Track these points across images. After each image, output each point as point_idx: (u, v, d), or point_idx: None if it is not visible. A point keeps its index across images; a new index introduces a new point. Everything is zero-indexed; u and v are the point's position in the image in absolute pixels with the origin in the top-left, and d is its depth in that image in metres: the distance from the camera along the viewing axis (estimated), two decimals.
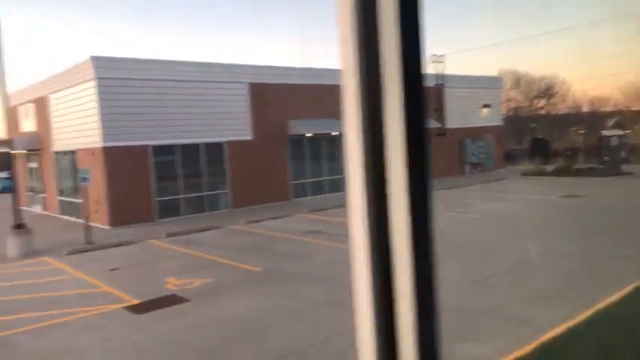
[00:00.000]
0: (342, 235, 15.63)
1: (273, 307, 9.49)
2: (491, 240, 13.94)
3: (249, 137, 22.45)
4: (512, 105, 52.60)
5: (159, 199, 20.25)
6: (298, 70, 24.13)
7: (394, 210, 0.91)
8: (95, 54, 18.56)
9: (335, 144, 25.68)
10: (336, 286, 10.59)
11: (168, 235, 17.11)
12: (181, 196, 20.91)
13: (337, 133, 25.15)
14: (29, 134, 25.40)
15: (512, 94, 52.84)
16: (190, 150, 21.02)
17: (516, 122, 48.10)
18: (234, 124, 22.00)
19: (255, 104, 22.50)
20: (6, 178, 47.96)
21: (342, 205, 21.82)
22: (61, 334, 8.66)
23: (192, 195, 21.21)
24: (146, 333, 8.52)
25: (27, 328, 9.00)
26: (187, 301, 10.14)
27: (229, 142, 21.93)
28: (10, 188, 49.05)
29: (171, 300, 10.27)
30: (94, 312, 9.74)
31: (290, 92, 23.57)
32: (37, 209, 25.89)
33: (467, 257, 12.23)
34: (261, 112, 22.67)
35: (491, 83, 34.37)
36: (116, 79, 18.99)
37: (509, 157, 36.90)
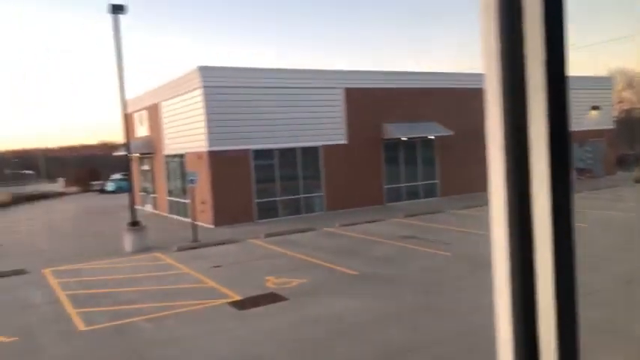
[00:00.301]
0: (438, 242, 15.42)
1: (370, 309, 9.60)
2: (602, 251, 13.08)
3: (344, 141, 22.78)
4: (625, 106, 48.75)
5: (258, 200, 21.13)
6: (393, 74, 24.13)
7: (537, 218, 0.90)
8: (202, 64, 19.82)
9: (431, 148, 25.33)
10: (434, 292, 10.52)
11: (267, 235, 17.80)
12: (278, 199, 21.67)
13: (433, 136, 24.81)
14: (142, 139, 27.52)
15: (625, 94, 48.99)
16: (287, 154, 21.72)
17: (630, 125, 44.53)
18: (329, 129, 22.45)
19: (350, 108, 22.81)
20: (120, 179, 52.35)
21: (437, 210, 21.50)
22: (175, 324, 9.36)
23: (288, 197, 21.90)
24: (250, 327, 8.98)
25: (146, 317, 9.83)
26: (286, 299, 10.53)
27: (324, 147, 22.40)
28: (124, 188, 53.35)
29: (271, 298, 10.72)
30: (202, 306, 10.41)
31: (385, 96, 23.63)
32: (149, 208, 27.99)
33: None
34: (356, 116, 22.93)
35: (599, 84, 32.11)
36: (220, 87, 20.13)
37: (622, 163, 34.26)
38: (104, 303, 10.95)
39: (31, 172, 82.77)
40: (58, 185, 70.11)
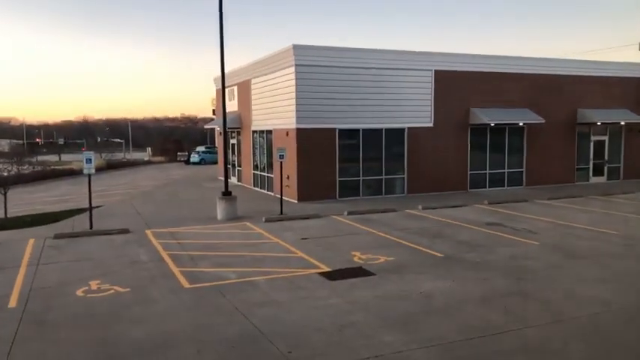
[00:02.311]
0: (525, 230, 15.18)
1: (458, 290, 9.74)
2: None
3: (430, 124, 22.63)
4: None
5: (341, 179, 21.54)
6: (483, 57, 23.54)
7: None
8: (296, 42, 20.28)
9: (520, 135, 24.62)
10: (524, 279, 10.48)
11: (350, 213, 18.18)
12: (361, 178, 21.96)
13: (523, 124, 24.10)
14: (231, 114, 28.60)
15: None
16: (372, 134, 21.89)
17: None
18: (416, 111, 22.36)
19: (438, 91, 22.58)
20: (204, 152, 54.65)
21: (522, 199, 21.02)
22: (270, 288, 9.96)
23: (370, 177, 22.14)
24: (341, 297, 9.40)
25: (243, 280, 10.52)
26: (373, 274, 10.86)
27: (410, 129, 22.37)
28: (207, 160, 55.44)
29: (358, 272, 11.09)
30: (293, 274, 10.96)
31: (474, 80, 23.19)
32: (234, 180, 29.24)
33: None
34: (443, 99, 22.69)
35: None
36: (311, 65, 20.54)
37: None
38: (203, 264, 11.77)
39: (120, 140, 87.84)
40: (145, 154, 74.33)
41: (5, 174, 22.56)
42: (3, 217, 18.06)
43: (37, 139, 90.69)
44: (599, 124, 25.60)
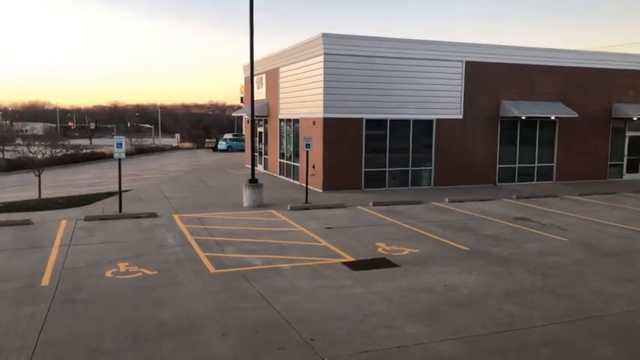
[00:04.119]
0: (554, 226, 14.93)
1: (484, 284, 9.65)
2: None
3: (459, 116, 22.34)
4: None
5: (366, 169, 21.48)
6: (515, 48, 23.07)
7: None
8: (325, 31, 20.20)
9: (552, 129, 24.13)
10: (551, 275, 10.33)
11: (375, 203, 18.13)
12: (387, 169, 21.85)
13: (555, 117, 23.60)
14: (259, 102, 28.74)
15: None
16: (399, 125, 21.73)
17: None
18: (445, 102, 22.09)
19: (468, 83, 22.25)
20: (232, 139, 55.08)
21: (552, 195, 20.65)
22: (294, 276, 10.03)
23: (397, 169, 22.02)
24: (365, 287, 9.41)
25: (267, 266, 10.63)
26: (397, 266, 10.83)
27: (439, 120, 22.12)
28: (234, 148, 55.86)
29: (382, 262, 11.08)
30: (317, 262, 11.01)
31: (505, 71, 22.78)
32: (260, 168, 29.42)
33: None
34: (474, 90, 22.35)
35: None
36: (340, 55, 20.45)
37: None
38: (229, 250, 11.91)
39: (149, 125, 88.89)
40: (174, 140, 75.23)
41: (40, 156, 23.18)
42: (37, 198, 18.57)
43: (70, 123, 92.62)
44: (635, 119, 24.89)
